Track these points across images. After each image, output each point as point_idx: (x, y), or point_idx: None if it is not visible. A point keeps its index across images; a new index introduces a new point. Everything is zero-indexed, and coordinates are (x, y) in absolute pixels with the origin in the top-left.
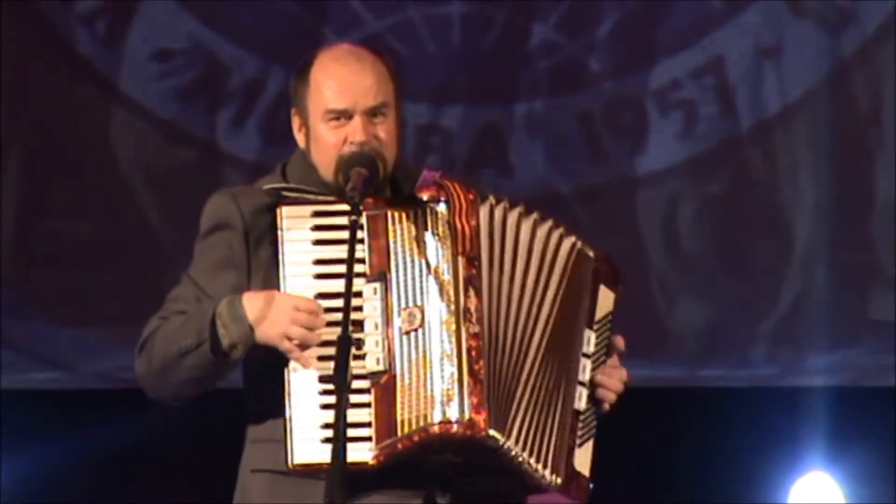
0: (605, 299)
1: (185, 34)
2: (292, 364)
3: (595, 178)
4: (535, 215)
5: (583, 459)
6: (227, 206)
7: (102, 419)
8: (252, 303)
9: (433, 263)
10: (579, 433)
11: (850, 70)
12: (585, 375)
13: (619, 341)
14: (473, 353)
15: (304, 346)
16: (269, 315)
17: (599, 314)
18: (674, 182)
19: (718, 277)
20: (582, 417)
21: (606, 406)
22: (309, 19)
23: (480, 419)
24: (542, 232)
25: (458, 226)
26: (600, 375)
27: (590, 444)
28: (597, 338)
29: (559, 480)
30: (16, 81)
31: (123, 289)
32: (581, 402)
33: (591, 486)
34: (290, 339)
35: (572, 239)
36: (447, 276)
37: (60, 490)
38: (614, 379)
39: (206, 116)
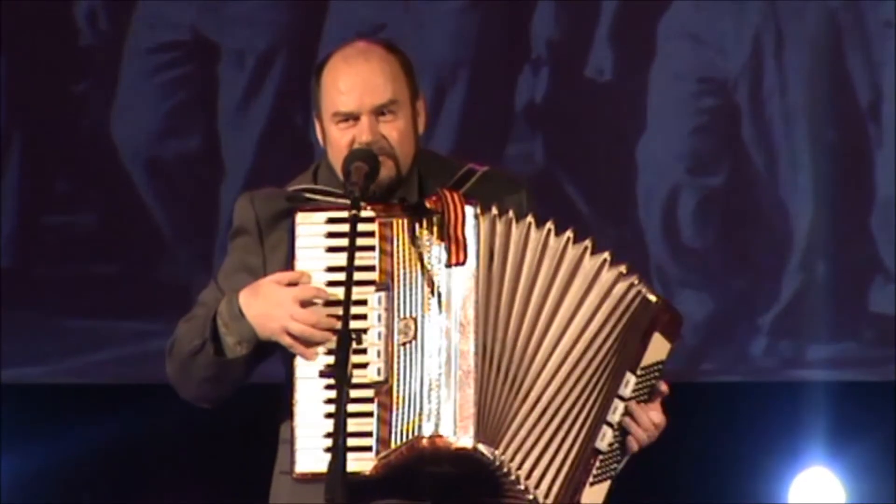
0: (659, 348)
1: (185, 26)
2: (300, 371)
3: (595, 170)
4: (548, 226)
5: (592, 499)
6: (245, 211)
7: (103, 414)
8: (248, 299)
9: (429, 275)
10: (594, 472)
11: (851, 65)
12: (615, 417)
13: (663, 386)
14: (464, 368)
15: (307, 341)
16: (266, 311)
17: (647, 360)
18: (674, 175)
19: (718, 271)
20: (602, 457)
21: (634, 446)
22: (310, 11)
23: (467, 434)
24: (558, 245)
25: (453, 237)
26: (633, 413)
27: (604, 486)
28: (637, 383)
29: None
30: (17, 74)
31: (125, 282)
32: (603, 441)
33: None
34: (290, 334)
35: (630, 280)
36: (442, 289)
37: (58, 485)
38: (644, 416)
39: (207, 109)
